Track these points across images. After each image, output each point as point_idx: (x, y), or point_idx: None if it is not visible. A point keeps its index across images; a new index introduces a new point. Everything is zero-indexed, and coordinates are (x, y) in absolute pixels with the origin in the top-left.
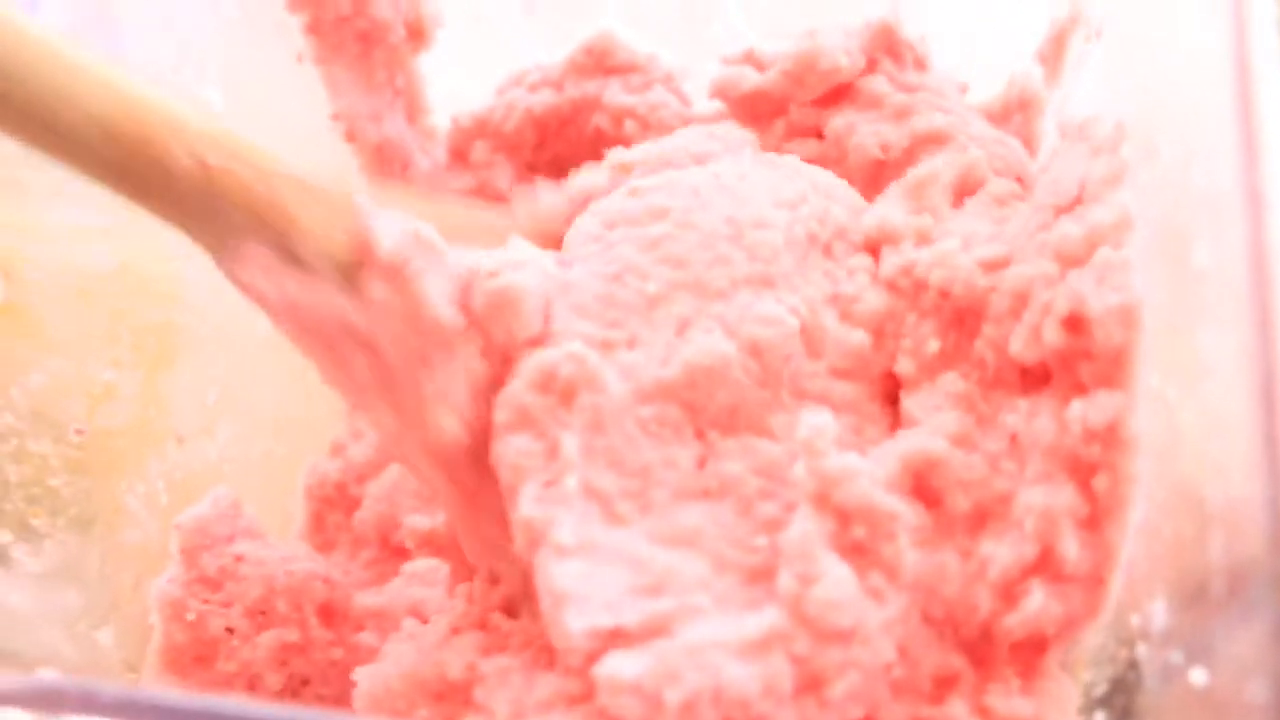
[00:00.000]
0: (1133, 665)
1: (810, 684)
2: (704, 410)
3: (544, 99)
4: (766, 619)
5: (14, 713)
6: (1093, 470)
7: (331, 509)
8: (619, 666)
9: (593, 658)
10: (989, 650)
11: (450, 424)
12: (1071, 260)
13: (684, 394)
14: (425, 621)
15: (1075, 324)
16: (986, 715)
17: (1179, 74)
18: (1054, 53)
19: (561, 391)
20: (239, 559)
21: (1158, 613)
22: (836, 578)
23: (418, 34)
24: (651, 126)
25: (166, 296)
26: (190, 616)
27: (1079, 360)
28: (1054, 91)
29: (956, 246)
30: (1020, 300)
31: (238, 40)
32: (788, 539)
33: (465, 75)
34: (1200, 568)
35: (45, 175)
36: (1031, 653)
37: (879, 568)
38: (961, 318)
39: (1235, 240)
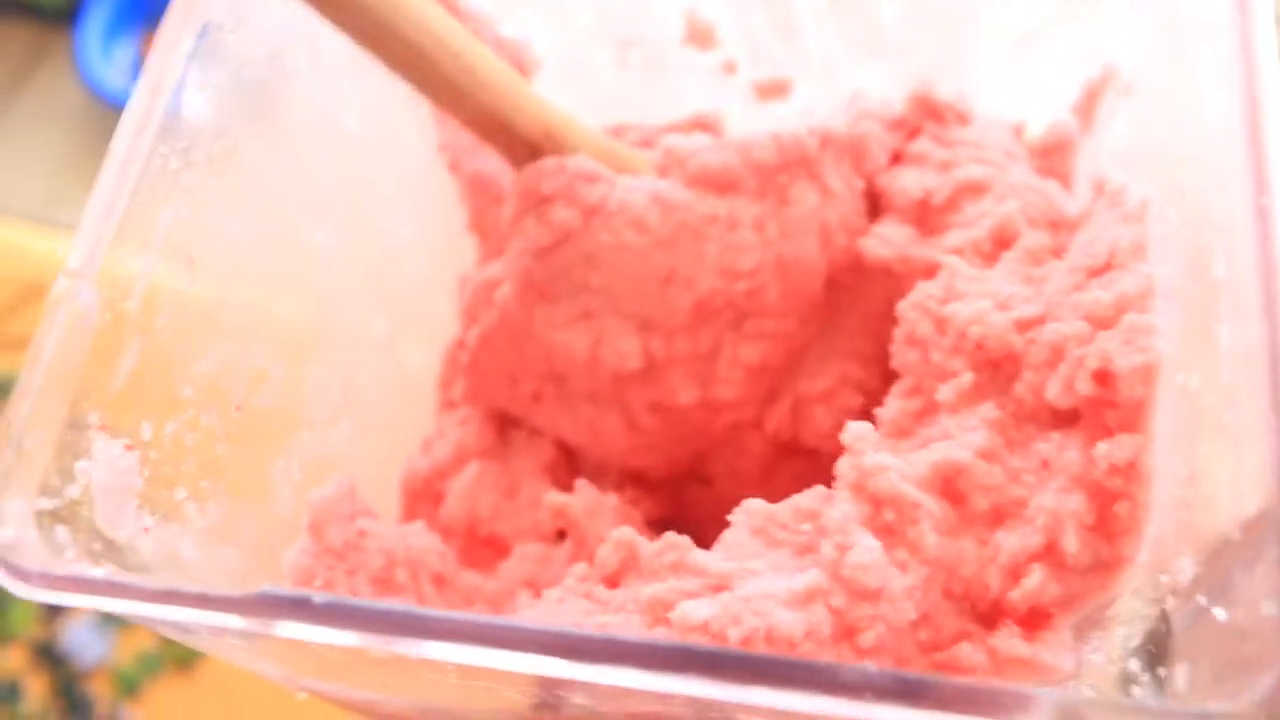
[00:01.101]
0: (1163, 618)
1: (846, 632)
2: None
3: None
4: (810, 577)
5: (234, 619)
6: (1115, 498)
7: (420, 502)
8: (690, 610)
9: (668, 606)
10: (998, 619)
11: None
12: (1102, 322)
13: None
14: (537, 595)
15: (1104, 378)
16: (991, 654)
17: (1200, 126)
18: (1087, 107)
19: None
20: (362, 534)
21: (1184, 569)
22: (868, 546)
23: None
24: None
25: (308, 299)
26: (318, 583)
27: (1105, 408)
28: (1087, 139)
29: (990, 306)
30: (1056, 353)
31: (372, 76)
32: (829, 517)
33: None
34: (1219, 525)
35: (227, 182)
36: (1035, 621)
37: (904, 545)
38: (997, 364)
39: (1246, 255)
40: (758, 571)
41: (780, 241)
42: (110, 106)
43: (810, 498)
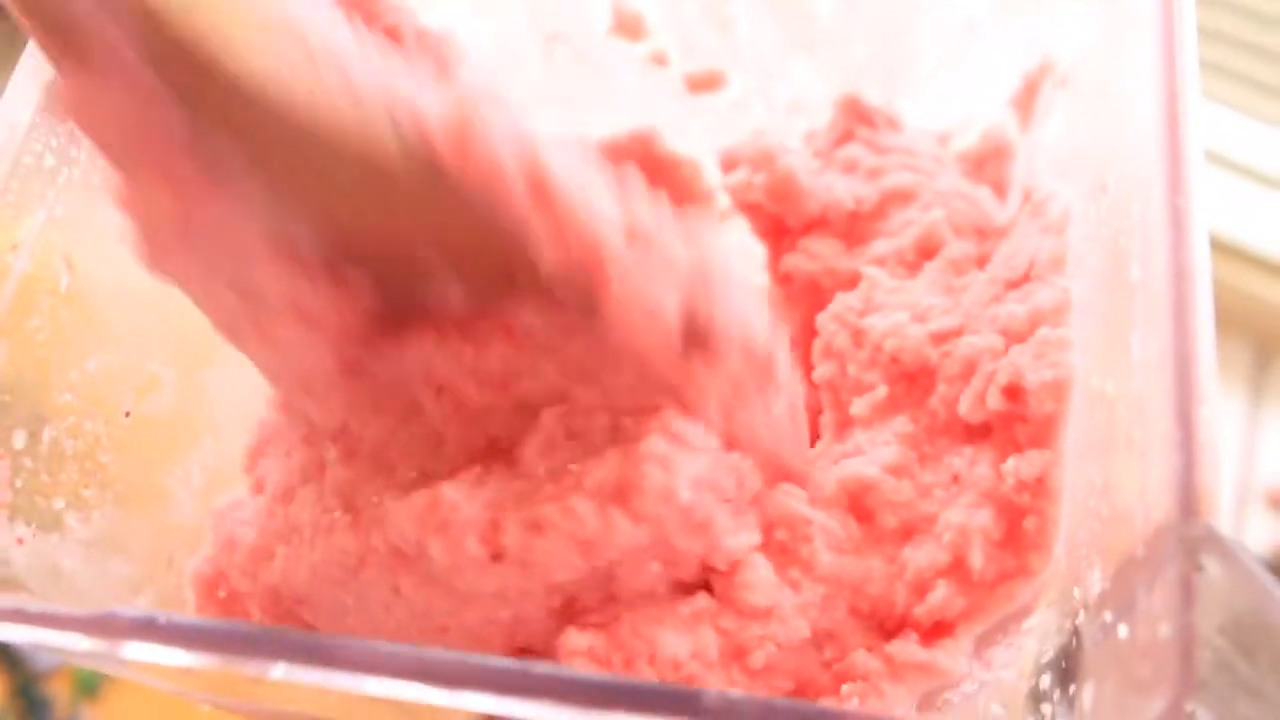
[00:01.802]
0: (1075, 633)
1: (735, 653)
2: None
3: None
4: (699, 601)
5: (80, 639)
6: (1023, 513)
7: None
8: (575, 640)
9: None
10: (901, 632)
11: None
12: (1016, 336)
13: None
14: None
15: (1014, 393)
16: (887, 660)
17: (1126, 123)
18: (1026, 100)
19: None
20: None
21: (1094, 583)
22: (754, 565)
23: (442, 71)
24: None
25: None
26: (222, 594)
27: (1015, 422)
28: (1027, 135)
29: (907, 318)
30: (969, 366)
31: None
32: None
33: None
34: (1127, 539)
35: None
36: (938, 633)
37: (797, 564)
38: (912, 377)
39: (1159, 261)
40: (643, 597)
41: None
42: None
43: None
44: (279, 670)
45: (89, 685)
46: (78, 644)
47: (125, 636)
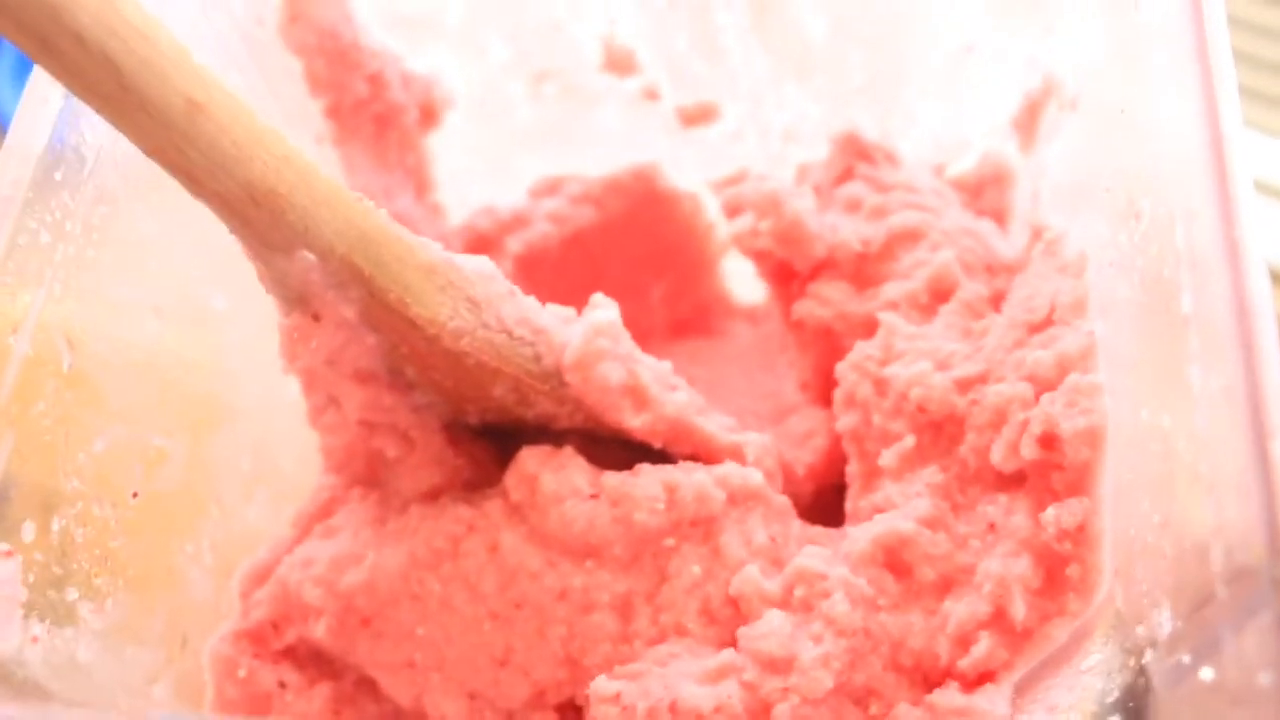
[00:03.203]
0: (1141, 672)
1: (760, 708)
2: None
3: (585, 213)
4: (724, 656)
5: None
6: (1066, 561)
7: None
8: (603, 685)
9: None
10: (944, 683)
11: None
12: (1045, 384)
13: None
14: None
15: (1049, 441)
16: (929, 708)
17: (1157, 143)
18: (1028, 121)
19: None
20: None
21: (1163, 622)
22: (770, 618)
23: (429, 116)
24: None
25: (209, 368)
26: (241, 673)
27: (1051, 470)
28: (1030, 158)
29: (930, 366)
30: (999, 415)
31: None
32: (743, 598)
33: (467, 152)
34: (1201, 578)
35: (108, 252)
36: (980, 682)
37: (819, 618)
38: (939, 426)
39: (1219, 290)
40: (677, 654)
41: (649, 629)
42: None
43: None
44: None
45: None
46: None
47: None
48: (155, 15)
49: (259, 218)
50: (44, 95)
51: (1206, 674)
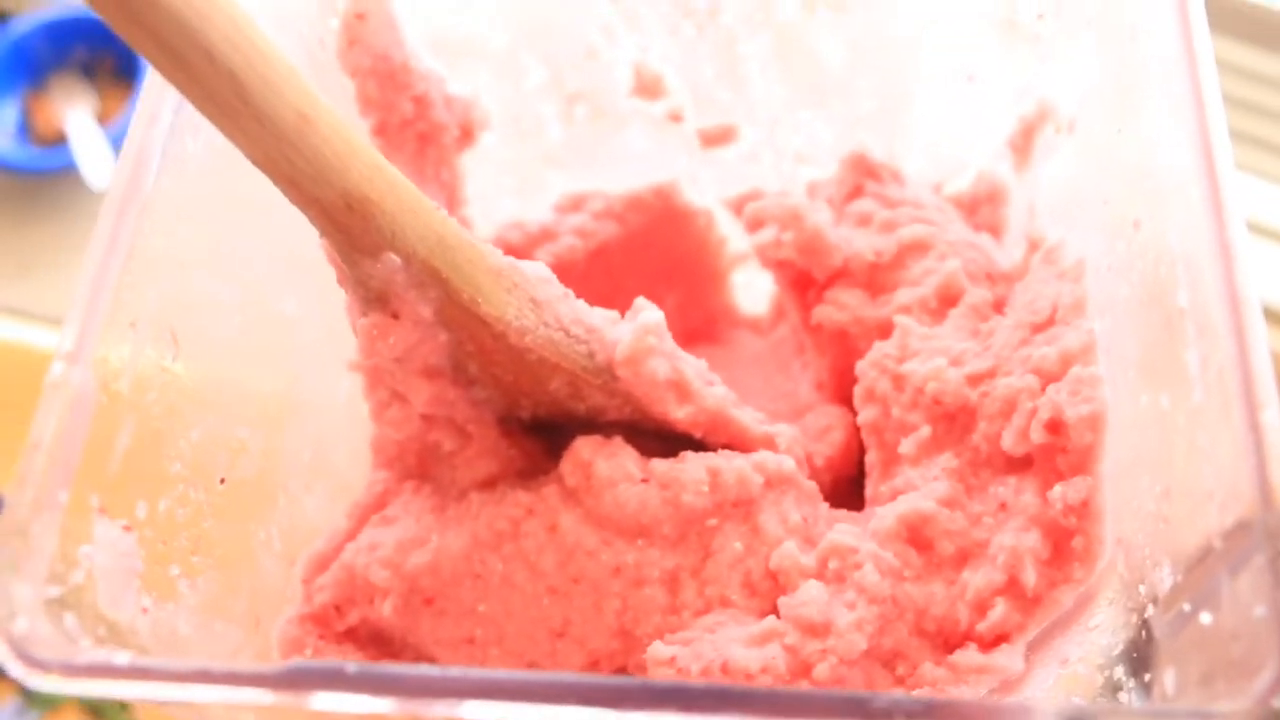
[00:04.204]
0: (1143, 625)
1: (801, 668)
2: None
3: (608, 228)
4: (767, 622)
5: (267, 694)
6: (1071, 534)
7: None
8: (660, 650)
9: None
10: (964, 645)
11: None
12: (1050, 376)
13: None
14: None
15: (1055, 427)
16: (951, 667)
17: (1153, 160)
18: (1023, 143)
19: None
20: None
21: (1164, 579)
22: (809, 587)
23: (467, 135)
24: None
25: (279, 367)
26: (308, 653)
27: (1057, 453)
28: (1023, 178)
29: (944, 363)
30: (1009, 405)
31: None
32: (783, 572)
33: (498, 169)
34: (1199, 535)
35: (203, 252)
36: (996, 643)
37: (852, 587)
38: (953, 416)
39: (1212, 287)
40: (723, 622)
41: (695, 601)
42: None
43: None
44: (468, 709)
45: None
46: (260, 698)
47: (314, 688)
48: (271, 36)
49: (352, 223)
50: (154, 110)
51: (1205, 618)
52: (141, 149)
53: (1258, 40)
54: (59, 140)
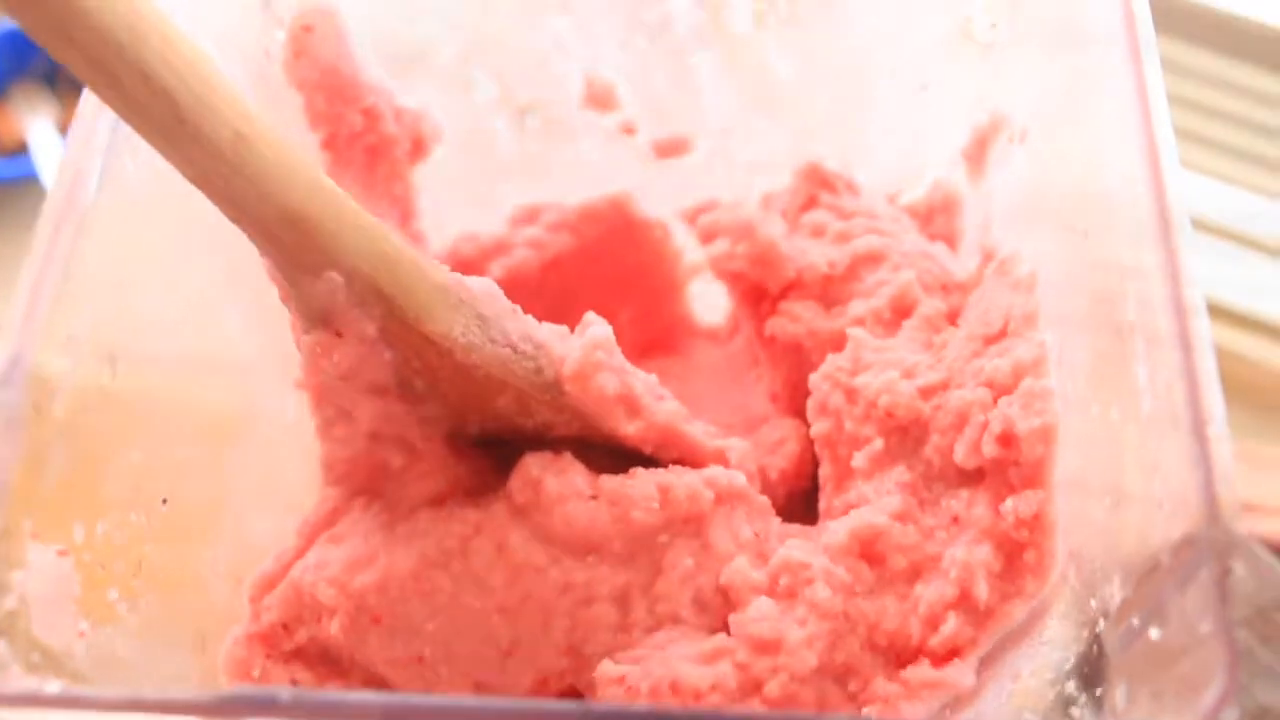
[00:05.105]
0: (1095, 640)
1: (752, 685)
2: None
3: (562, 240)
4: (717, 639)
5: None
6: (1023, 548)
7: None
8: (609, 669)
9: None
10: (916, 660)
11: None
12: (1002, 388)
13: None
14: None
15: (1007, 440)
16: (903, 683)
17: (1100, 170)
18: (977, 153)
19: None
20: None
21: (1114, 593)
22: (759, 603)
23: (419, 148)
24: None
25: (222, 384)
26: (256, 673)
27: (1008, 466)
28: (978, 187)
29: (897, 375)
30: (961, 418)
31: None
32: (733, 588)
33: (449, 182)
34: (1147, 550)
35: (140, 271)
36: (948, 658)
37: (803, 603)
38: (905, 429)
39: (1159, 300)
40: (674, 639)
41: (646, 619)
42: None
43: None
44: None
45: None
46: None
47: (250, 714)
48: (206, 52)
49: (292, 241)
50: (90, 128)
51: (1154, 633)
52: (79, 163)
53: (1205, 41)
54: (20, 150)
